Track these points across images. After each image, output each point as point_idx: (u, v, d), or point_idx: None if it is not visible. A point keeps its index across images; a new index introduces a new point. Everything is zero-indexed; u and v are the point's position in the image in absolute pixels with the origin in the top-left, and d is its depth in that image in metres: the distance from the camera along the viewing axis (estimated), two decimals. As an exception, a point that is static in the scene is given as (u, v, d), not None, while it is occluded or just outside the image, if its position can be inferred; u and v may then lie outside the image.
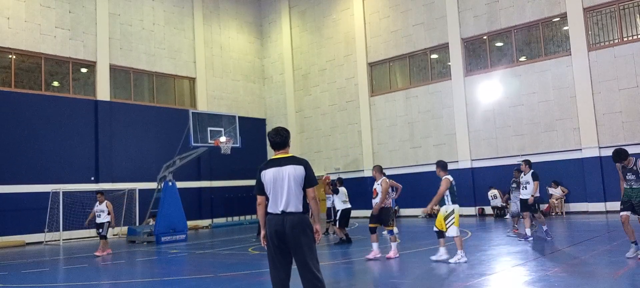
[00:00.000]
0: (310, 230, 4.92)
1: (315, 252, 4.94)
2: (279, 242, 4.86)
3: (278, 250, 4.88)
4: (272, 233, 4.89)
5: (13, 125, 19.66)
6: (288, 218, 4.84)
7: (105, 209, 14.03)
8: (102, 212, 14.04)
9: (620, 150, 8.42)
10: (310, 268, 4.79)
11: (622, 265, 7.88)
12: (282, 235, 4.83)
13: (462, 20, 22.11)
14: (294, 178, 4.89)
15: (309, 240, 4.88)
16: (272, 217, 4.94)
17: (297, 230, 4.81)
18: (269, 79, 29.55)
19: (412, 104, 23.63)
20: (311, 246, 4.89)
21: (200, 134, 17.43)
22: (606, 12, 19.01)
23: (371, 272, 9.14)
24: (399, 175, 23.87)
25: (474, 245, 11.52)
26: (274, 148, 5.18)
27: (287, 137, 5.19)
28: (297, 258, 4.85)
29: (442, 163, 9.80)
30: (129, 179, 22.30)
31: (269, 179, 4.97)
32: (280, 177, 4.92)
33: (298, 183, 4.90)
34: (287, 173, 4.91)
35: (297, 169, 4.93)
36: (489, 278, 7.54)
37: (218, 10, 27.89)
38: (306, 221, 4.91)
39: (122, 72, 23.50)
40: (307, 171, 4.96)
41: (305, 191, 4.95)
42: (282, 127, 5.27)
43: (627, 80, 18.22)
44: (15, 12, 20.10)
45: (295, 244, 4.82)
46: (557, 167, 19.45)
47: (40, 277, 10.51)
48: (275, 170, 4.96)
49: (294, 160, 5.02)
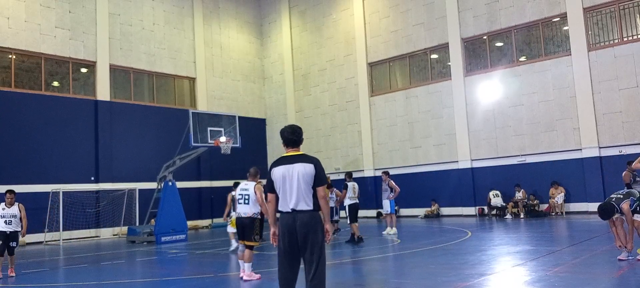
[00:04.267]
0: (322, 229, 4.90)
1: (324, 252, 4.90)
2: (290, 240, 4.83)
3: (288, 248, 4.86)
4: (283, 231, 4.87)
5: (13, 125, 19.65)
6: (299, 217, 4.82)
7: (17, 214, 10.61)
8: (14, 217, 10.53)
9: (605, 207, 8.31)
10: (315, 267, 4.77)
11: (622, 265, 7.88)
12: (293, 233, 4.82)
13: (462, 20, 22.11)
14: (303, 176, 4.86)
15: (319, 239, 4.85)
16: (283, 215, 4.92)
17: (307, 228, 4.80)
18: (269, 79, 29.55)
19: (412, 104, 23.63)
20: (321, 245, 4.86)
21: (200, 134, 17.42)
22: (606, 12, 19.01)
23: (371, 272, 9.14)
24: (399, 175, 23.94)
25: (474, 245, 11.52)
26: (286, 145, 5.14)
27: (301, 136, 5.19)
28: (305, 257, 4.84)
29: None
30: (129, 179, 22.29)
31: (278, 177, 4.95)
32: (289, 175, 4.89)
33: (307, 182, 4.86)
34: (297, 171, 4.88)
35: (307, 167, 4.90)
36: (489, 278, 7.54)
37: (218, 10, 27.89)
38: (317, 219, 4.89)
39: (122, 72, 23.50)
40: (317, 170, 4.92)
41: (315, 190, 4.90)
42: (297, 125, 5.26)
43: (627, 80, 18.22)
44: (15, 12, 20.09)
45: (304, 242, 4.80)
46: (557, 167, 19.46)
47: (40, 277, 10.50)
48: (285, 167, 4.94)
49: (304, 158, 4.98)
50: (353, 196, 13.88)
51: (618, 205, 8.17)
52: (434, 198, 22.34)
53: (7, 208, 10.57)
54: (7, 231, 10.42)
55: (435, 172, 22.67)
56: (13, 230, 10.50)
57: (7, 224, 10.43)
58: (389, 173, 15.86)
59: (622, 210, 8.12)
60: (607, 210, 8.26)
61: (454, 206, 21.94)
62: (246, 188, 8.71)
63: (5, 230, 10.41)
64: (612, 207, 8.24)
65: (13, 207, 10.59)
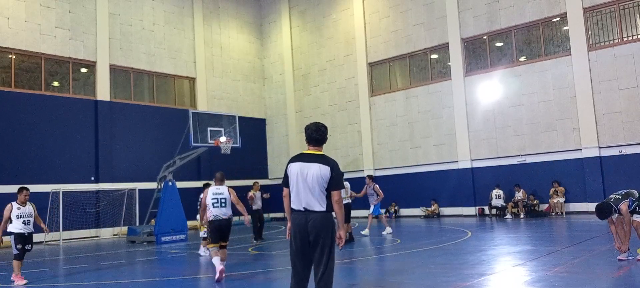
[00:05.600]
0: (333, 231, 4.84)
1: (333, 255, 4.84)
2: (302, 239, 4.79)
3: (300, 247, 4.81)
4: (295, 230, 4.83)
5: (13, 125, 19.65)
6: (311, 217, 4.77)
7: (33, 213, 9.88)
8: (30, 216, 9.77)
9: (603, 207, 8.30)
10: (324, 270, 4.74)
11: (622, 265, 7.88)
12: (304, 233, 4.77)
13: (462, 20, 22.11)
14: (317, 177, 4.79)
15: (329, 241, 4.79)
16: (295, 213, 4.87)
17: (318, 229, 4.74)
18: (269, 79, 29.55)
19: (412, 104, 23.63)
20: (330, 248, 4.80)
21: (200, 134, 17.42)
22: (606, 12, 19.00)
23: (371, 272, 9.14)
24: (399, 175, 23.95)
25: (474, 245, 11.52)
26: (308, 142, 5.07)
27: (325, 134, 5.09)
28: (315, 257, 4.80)
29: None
30: (129, 179, 22.29)
31: (293, 173, 4.89)
32: (304, 173, 4.82)
33: (321, 183, 4.78)
34: (312, 171, 4.81)
35: (322, 169, 4.82)
36: (489, 278, 7.54)
37: (218, 10, 27.89)
38: (329, 221, 4.82)
39: (122, 72, 23.50)
40: (333, 173, 4.83)
41: (329, 193, 4.82)
42: (322, 123, 5.15)
43: (627, 80, 18.22)
44: (15, 12, 20.09)
45: (315, 242, 4.76)
46: (557, 167, 19.46)
47: (40, 277, 10.50)
48: (301, 165, 4.87)
49: (322, 159, 4.90)
50: (346, 196, 13.89)
51: (616, 206, 8.16)
52: (434, 198, 22.34)
53: (23, 207, 9.69)
54: (25, 232, 9.54)
55: (435, 172, 22.66)
56: (31, 232, 9.70)
57: (25, 225, 9.57)
58: (373, 177, 16.06)
59: (620, 210, 8.11)
60: (604, 210, 8.24)
61: (454, 206, 21.95)
62: (221, 191, 9.04)
63: (24, 231, 9.50)
64: (609, 207, 8.23)
65: (28, 205, 9.75)
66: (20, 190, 9.88)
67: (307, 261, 4.86)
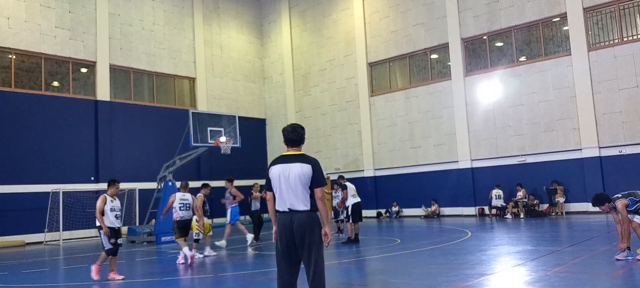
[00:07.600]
0: (319, 229, 4.85)
1: (322, 253, 4.86)
2: (287, 240, 4.79)
3: (286, 249, 4.82)
4: (280, 231, 4.83)
5: (13, 125, 19.65)
6: (296, 217, 4.78)
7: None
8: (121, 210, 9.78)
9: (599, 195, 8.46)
10: (314, 269, 4.74)
11: (622, 265, 7.88)
12: (290, 234, 4.78)
13: (462, 20, 22.11)
14: (299, 176, 4.80)
15: (316, 240, 4.81)
16: (280, 215, 4.88)
17: (304, 229, 4.75)
18: (269, 79, 29.55)
19: (412, 104, 23.63)
20: (318, 246, 4.82)
21: (200, 134, 17.42)
22: (606, 12, 19.01)
23: (371, 272, 9.14)
24: (399, 175, 23.96)
25: (474, 245, 11.52)
26: (287, 144, 5.10)
27: (302, 135, 5.14)
28: (303, 257, 4.80)
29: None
30: (129, 179, 22.24)
31: (275, 175, 4.90)
32: (285, 174, 4.84)
33: (304, 182, 4.80)
34: (294, 171, 4.82)
35: (304, 168, 4.84)
36: (489, 278, 7.54)
37: (218, 10, 27.89)
38: (314, 220, 4.83)
39: (122, 72, 23.50)
40: (314, 171, 4.85)
41: (312, 191, 4.85)
42: (299, 124, 5.23)
43: (627, 80, 18.22)
44: (15, 12, 20.09)
45: (301, 243, 4.76)
46: (557, 167, 19.46)
47: (40, 277, 10.50)
48: (283, 166, 4.89)
49: (302, 158, 4.92)
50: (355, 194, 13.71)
51: (614, 201, 8.19)
52: (434, 198, 22.34)
53: (115, 200, 9.46)
54: (116, 226, 9.30)
55: (435, 172, 22.67)
56: (120, 226, 9.51)
57: (117, 219, 9.36)
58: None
59: (616, 206, 8.14)
60: (600, 198, 8.40)
61: (454, 206, 21.95)
62: (186, 198, 11.81)
63: (116, 225, 9.29)
64: (607, 197, 8.38)
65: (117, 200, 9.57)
66: (111, 182, 9.65)
67: (294, 262, 4.86)
